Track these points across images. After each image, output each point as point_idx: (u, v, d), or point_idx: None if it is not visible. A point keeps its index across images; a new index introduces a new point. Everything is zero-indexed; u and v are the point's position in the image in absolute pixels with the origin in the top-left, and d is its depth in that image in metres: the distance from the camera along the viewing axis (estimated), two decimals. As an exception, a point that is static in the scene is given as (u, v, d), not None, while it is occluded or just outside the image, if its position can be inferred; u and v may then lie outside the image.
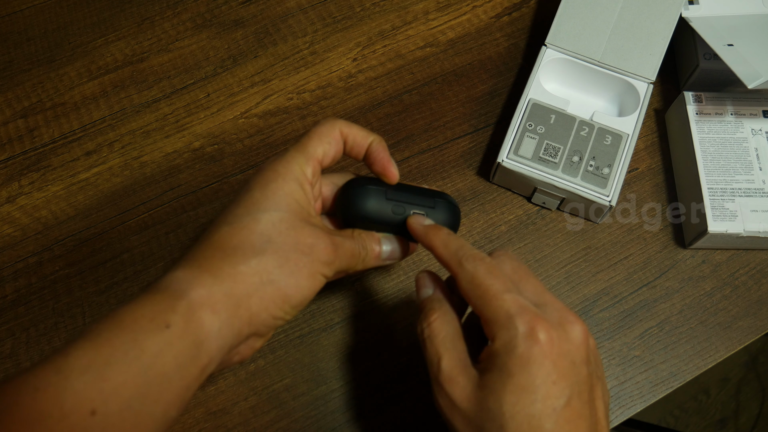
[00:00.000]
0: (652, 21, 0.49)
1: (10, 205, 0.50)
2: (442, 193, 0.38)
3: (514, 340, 0.29)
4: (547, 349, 0.28)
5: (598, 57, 0.49)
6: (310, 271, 0.31)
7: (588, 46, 0.50)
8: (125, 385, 0.26)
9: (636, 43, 0.49)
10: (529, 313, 0.29)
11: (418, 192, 0.37)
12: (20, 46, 0.56)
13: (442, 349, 0.31)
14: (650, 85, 0.49)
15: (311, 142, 0.34)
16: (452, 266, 0.32)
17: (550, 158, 0.46)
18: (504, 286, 0.30)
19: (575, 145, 0.46)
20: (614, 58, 0.49)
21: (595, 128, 0.47)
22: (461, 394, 0.30)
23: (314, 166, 0.34)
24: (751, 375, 1.23)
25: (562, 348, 0.29)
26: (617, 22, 0.49)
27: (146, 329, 0.27)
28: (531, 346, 0.28)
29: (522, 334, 0.29)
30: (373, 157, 0.36)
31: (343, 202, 0.36)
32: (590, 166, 0.46)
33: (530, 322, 0.29)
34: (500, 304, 0.30)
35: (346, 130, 0.35)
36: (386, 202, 0.36)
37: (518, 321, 0.29)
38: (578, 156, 0.46)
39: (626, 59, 0.49)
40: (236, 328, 0.29)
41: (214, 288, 0.29)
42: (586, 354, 0.30)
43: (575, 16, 0.50)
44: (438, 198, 0.38)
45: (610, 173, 0.46)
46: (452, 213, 0.38)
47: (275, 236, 0.31)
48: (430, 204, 0.37)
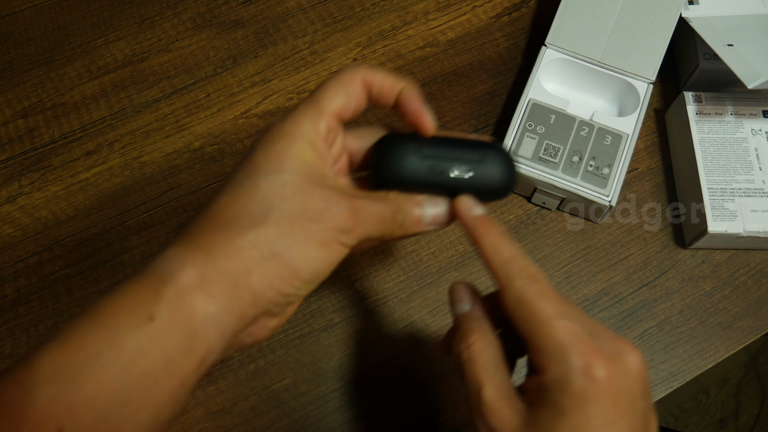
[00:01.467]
0: (652, 21, 0.49)
1: (10, 205, 0.50)
2: (490, 144, 0.31)
3: (569, 376, 0.25)
4: (606, 387, 0.25)
5: (598, 57, 0.49)
6: (322, 240, 0.27)
7: (588, 47, 0.50)
8: (100, 394, 0.22)
9: (636, 43, 0.49)
10: (585, 345, 0.26)
11: (461, 145, 0.31)
12: (20, 46, 0.56)
13: (484, 375, 0.28)
14: (650, 85, 0.49)
15: (326, 93, 0.29)
16: (500, 279, 0.28)
17: (550, 158, 0.46)
18: (557, 311, 0.27)
19: (575, 145, 0.46)
20: (614, 58, 0.49)
21: (595, 128, 0.47)
22: (507, 428, 0.26)
23: (329, 122, 0.29)
24: (751, 375, 1.23)
25: (621, 385, 0.26)
26: (617, 22, 0.50)
27: (125, 324, 0.23)
28: (588, 383, 0.25)
29: (578, 369, 0.25)
30: (404, 106, 0.31)
31: (372, 164, 0.31)
32: (590, 166, 0.46)
33: (586, 356, 0.25)
34: (552, 332, 0.26)
35: (371, 77, 0.30)
36: (421, 160, 0.30)
37: (573, 354, 0.26)
38: (578, 156, 0.46)
39: (626, 59, 0.49)
40: (237, 311, 0.26)
41: (207, 267, 0.25)
42: (644, 388, 0.27)
43: (575, 16, 0.50)
44: (486, 150, 0.31)
45: (610, 173, 0.46)
46: (505, 167, 0.31)
47: (278, 202, 0.27)
48: (476, 158, 0.30)
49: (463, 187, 0.31)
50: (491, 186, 0.31)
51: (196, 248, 0.26)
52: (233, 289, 0.26)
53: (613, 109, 0.51)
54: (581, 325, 0.27)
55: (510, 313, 0.28)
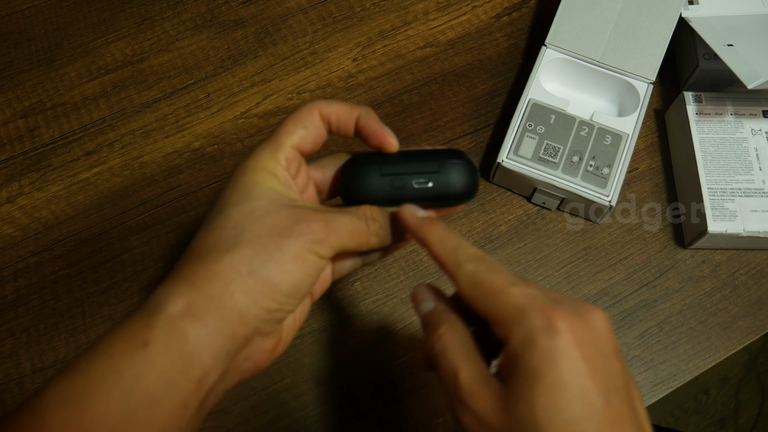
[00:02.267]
0: (652, 21, 0.49)
1: (10, 205, 0.50)
2: (451, 151, 0.33)
3: (532, 334, 0.25)
4: (571, 340, 0.25)
5: (598, 57, 0.49)
6: (295, 253, 0.28)
7: (588, 47, 0.50)
8: (107, 415, 0.24)
9: (636, 43, 0.49)
10: (543, 303, 0.26)
11: (421, 157, 0.33)
12: (20, 46, 0.56)
13: (458, 361, 0.27)
14: (650, 85, 0.49)
15: (284, 129, 0.31)
16: (449, 267, 0.29)
17: (550, 158, 0.46)
18: (508, 280, 0.27)
19: (575, 145, 0.46)
20: (614, 58, 0.49)
21: (595, 128, 0.47)
22: (487, 407, 0.26)
23: (288, 153, 0.31)
24: (751, 375, 1.23)
25: (586, 337, 0.25)
26: (617, 22, 0.50)
27: (123, 352, 0.25)
28: (552, 338, 0.25)
29: (539, 326, 0.25)
30: (365, 130, 0.32)
31: (340, 189, 0.33)
32: (590, 166, 0.46)
33: (546, 311, 0.25)
34: (508, 298, 0.26)
35: (326, 110, 0.32)
36: (383, 177, 0.32)
37: (532, 313, 0.25)
38: (578, 156, 0.46)
39: (626, 59, 0.49)
40: (227, 331, 0.27)
41: (192, 294, 0.27)
42: (613, 346, 0.26)
43: (575, 17, 0.50)
44: (446, 159, 0.32)
45: (610, 173, 0.46)
46: (464, 174, 0.32)
47: (248, 225, 0.28)
48: (434, 168, 0.32)
49: (428, 196, 0.32)
50: (452, 192, 0.32)
51: (180, 281, 0.27)
52: (220, 311, 0.27)
53: (613, 109, 0.51)
54: (538, 291, 0.27)
55: (466, 297, 0.28)
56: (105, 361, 0.25)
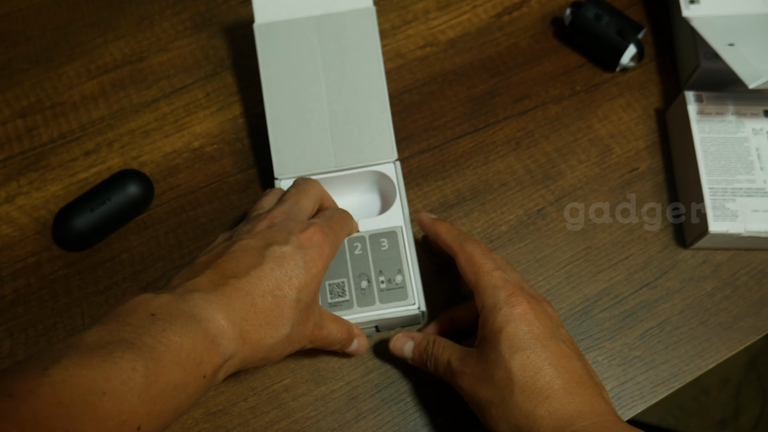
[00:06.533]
0: (364, 103, 0.47)
1: (9, 204, 0.50)
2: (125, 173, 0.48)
3: (498, 303, 0.37)
4: (527, 308, 0.36)
5: (332, 165, 0.46)
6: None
7: (318, 160, 0.46)
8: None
9: (361, 132, 0.46)
10: (511, 285, 0.37)
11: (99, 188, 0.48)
12: (19, 45, 0.56)
13: (446, 354, 0.39)
14: (397, 163, 0.46)
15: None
16: (454, 247, 0.40)
17: (339, 299, 0.43)
18: (494, 265, 0.39)
19: (357, 270, 0.43)
20: (348, 157, 0.46)
21: (366, 239, 0.44)
22: (472, 367, 0.37)
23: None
24: (752, 376, 1.23)
25: (539, 310, 0.37)
26: (332, 124, 0.46)
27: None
28: (513, 305, 0.36)
29: (504, 299, 0.37)
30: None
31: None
32: (382, 283, 0.43)
33: (511, 290, 0.37)
34: (489, 279, 0.38)
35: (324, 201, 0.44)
36: (91, 213, 0.46)
37: (501, 290, 0.37)
38: (366, 279, 0.43)
39: (361, 152, 0.46)
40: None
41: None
42: (561, 327, 0.38)
43: (289, 139, 0.47)
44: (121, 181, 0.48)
45: (404, 279, 0.43)
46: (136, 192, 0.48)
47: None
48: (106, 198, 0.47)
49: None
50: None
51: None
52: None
53: (375, 205, 0.48)
54: (513, 278, 0.39)
55: (462, 269, 0.40)
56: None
